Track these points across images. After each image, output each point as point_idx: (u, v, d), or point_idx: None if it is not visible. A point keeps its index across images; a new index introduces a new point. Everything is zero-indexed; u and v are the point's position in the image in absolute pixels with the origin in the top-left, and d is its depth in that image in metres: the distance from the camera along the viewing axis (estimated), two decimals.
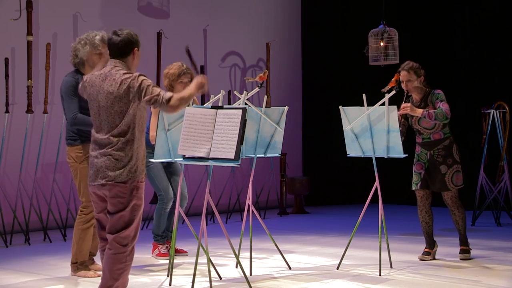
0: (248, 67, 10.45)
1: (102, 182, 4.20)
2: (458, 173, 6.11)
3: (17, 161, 7.70)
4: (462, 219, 6.19)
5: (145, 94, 4.19)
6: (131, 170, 4.21)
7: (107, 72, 4.30)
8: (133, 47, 4.34)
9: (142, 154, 4.31)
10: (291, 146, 10.70)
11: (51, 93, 7.98)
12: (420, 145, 6.21)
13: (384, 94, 5.70)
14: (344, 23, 11.00)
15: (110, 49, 4.36)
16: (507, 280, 5.43)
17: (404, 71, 6.14)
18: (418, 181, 6.17)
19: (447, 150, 6.12)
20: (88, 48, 5.61)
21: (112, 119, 4.23)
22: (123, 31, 4.34)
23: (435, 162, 6.12)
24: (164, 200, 6.42)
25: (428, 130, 6.13)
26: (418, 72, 6.15)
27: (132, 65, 4.36)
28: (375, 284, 5.33)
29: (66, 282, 5.48)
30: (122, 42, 4.30)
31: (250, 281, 5.16)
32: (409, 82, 6.13)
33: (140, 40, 4.40)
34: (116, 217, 4.21)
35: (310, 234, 8.06)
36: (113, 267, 4.20)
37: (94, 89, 4.32)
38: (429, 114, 5.96)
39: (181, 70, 6.39)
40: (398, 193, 9.84)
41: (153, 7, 9.39)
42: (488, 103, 8.54)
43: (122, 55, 4.33)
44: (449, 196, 6.13)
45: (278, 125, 5.83)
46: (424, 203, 6.22)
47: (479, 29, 9.94)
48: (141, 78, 4.22)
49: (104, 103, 4.25)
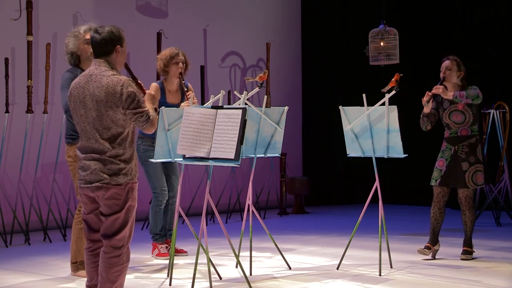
0: (248, 67, 10.45)
1: (97, 184, 4.11)
2: (479, 172, 6.12)
3: (17, 161, 7.71)
4: (471, 221, 6.20)
5: (132, 107, 4.10)
6: (127, 173, 4.15)
7: (92, 73, 4.16)
8: (115, 44, 4.17)
9: (135, 155, 4.26)
10: (291, 146, 10.70)
11: (51, 93, 7.98)
12: (446, 140, 6.26)
13: (384, 94, 5.71)
14: (344, 23, 10.99)
15: (93, 48, 4.21)
16: (507, 280, 5.43)
17: (448, 60, 6.27)
18: (438, 178, 6.19)
19: (472, 148, 6.15)
20: (73, 40, 5.64)
21: (101, 122, 4.10)
22: (104, 28, 4.18)
23: (458, 158, 6.14)
24: (159, 197, 6.45)
25: (457, 125, 6.17)
26: (460, 66, 6.28)
27: (117, 63, 4.21)
28: (375, 284, 5.33)
29: (66, 282, 5.48)
30: (104, 40, 4.15)
31: (250, 281, 5.16)
32: (448, 70, 6.22)
33: (124, 36, 4.22)
34: (111, 219, 4.15)
35: (310, 234, 8.06)
36: (111, 270, 4.15)
37: (79, 90, 4.16)
38: (460, 94, 6.07)
39: (173, 51, 6.47)
40: (398, 193, 9.85)
41: (152, 6, 9.39)
42: (488, 103, 8.54)
43: (105, 53, 4.17)
44: (464, 195, 6.15)
45: (278, 125, 5.83)
46: (439, 200, 6.22)
47: (479, 29, 9.93)
48: (130, 89, 4.09)
49: (91, 106, 4.10)
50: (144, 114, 4.12)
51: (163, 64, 6.44)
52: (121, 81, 4.11)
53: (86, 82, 4.14)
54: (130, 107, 4.09)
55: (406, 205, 10.24)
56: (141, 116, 4.11)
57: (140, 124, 4.14)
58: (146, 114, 4.13)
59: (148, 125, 4.15)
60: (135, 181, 4.21)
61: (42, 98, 7.80)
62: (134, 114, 4.11)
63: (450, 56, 6.32)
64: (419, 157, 8.47)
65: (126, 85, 4.10)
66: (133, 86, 4.14)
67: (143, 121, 4.13)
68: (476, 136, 6.20)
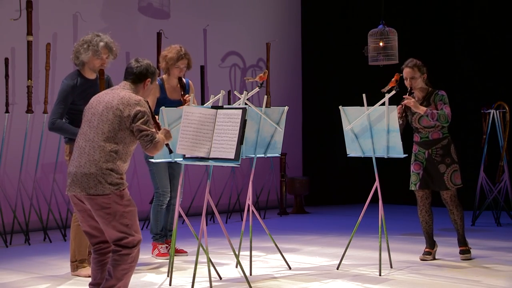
0: (248, 67, 10.45)
1: (83, 194, 4.17)
2: (456, 172, 6.11)
3: (17, 161, 7.71)
4: (461, 219, 6.19)
5: (139, 124, 4.23)
6: (112, 183, 4.19)
7: (114, 88, 4.44)
8: (147, 77, 4.47)
9: (125, 168, 4.32)
10: (291, 146, 10.70)
11: (51, 93, 7.96)
12: (418, 144, 6.21)
13: (384, 94, 5.71)
14: (344, 23, 10.99)
15: (125, 72, 4.50)
16: (507, 280, 5.43)
17: (408, 68, 6.15)
18: (417, 181, 6.18)
19: (445, 149, 6.13)
20: (90, 53, 5.65)
21: (102, 125, 4.23)
22: (144, 61, 4.49)
23: (433, 161, 6.12)
24: (160, 197, 6.44)
25: (427, 129, 6.14)
26: (421, 69, 6.17)
27: (140, 94, 4.46)
28: (375, 284, 5.33)
29: (66, 282, 5.48)
30: (138, 69, 4.45)
31: (250, 281, 5.16)
32: (413, 79, 6.14)
33: (157, 76, 4.56)
34: (109, 228, 4.19)
35: (310, 234, 8.06)
36: (118, 267, 4.19)
37: (95, 99, 4.41)
38: (432, 114, 5.97)
39: (179, 54, 6.41)
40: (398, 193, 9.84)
41: (154, 7, 9.39)
42: (488, 103, 8.54)
43: (134, 80, 4.45)
44: (448, 195, 6.14)
45: (278, 125, 5.83)
46: (424, 203, 6.22)
47: (479, 28, 9.93)
48: (143, 109, 4.27)
49: (100, 110, 4.28)
50: (150, 134, 4.26)
51: (165, 65, 6.43)
52: (138, 98, 4.32)
53: (105, 93, 4.41)
54: (137, 122, 4.23)
55: (406, 205, 10.22)
56: (146, 136, 4.25)
57: (144, 144, 4.28)
58: (151, 135, 4.27)
59: (151, 146, 4.29)
60: (122, 189, 4.22)
61: (42, 98, 7.80)
62: (140, 131, 4.24)
63: (408, 62, 6.18)
64: None
65: (142, 104, 4.29)
66: (147, 108, 4.32)
67: (147, 141, 4.26)
68: (448, 137, 6.16)
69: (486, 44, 9.88)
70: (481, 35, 9.91)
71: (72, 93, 5.60)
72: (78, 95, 5.61)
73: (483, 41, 9.90)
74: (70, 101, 5.60)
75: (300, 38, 11.16)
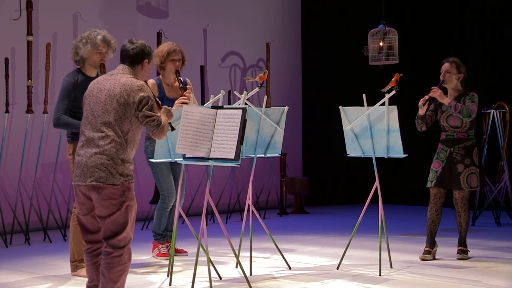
0: (248, 67, 10.45)
1: (93, 183, 4.14)
2: (473, 175, 6.12)
3: (17, 161, 7.70)
4: (466, 223, 6.21)
5: (144, 110, 4.21)
6: (123, 174, 4.19)
7: (113, 73, 4.35)
8: (144, 58, 4.43)
9: (133, 154, 4.30)
10: (291, 146, 10.70)
11: (51, 93, 7.97)
12: (442, 142, 6.26)
13: (384, 94, 5.71)
14: (344, 23, 10.99)
15: (121, 55, 4.43)
16: (507, 280, 5.43)
17: (447, 63, 6.23)
18: (434, 179, 6.19)
19: (468, 150, 6.15)
20: (89, 47, 5.64)
21: (107, 115, 4.19)
22: (138, 41, 4.45)
23: (453, 160, 6.15)
24: (166, 200, 6.41)
25: (453, 129, 6.17)
26: (459, 68, 6.24)
27: (139, 76, 4.41)
28: (375, 284, 5.33)
29: (66, 282, 5.48)
30: (135, 50, 4.40)
31: (250, 281, 5.16)
32: (448, 73, 6.20)
33: (153, 55, 4.50)
34: (109, 220, 4.15)
35: (310, 234, 8.06)
36: (112, 270, 4.16)
37: (95, 86, 4.33)
38: (456, 105, 6.05)
39: (171, 47, 6.42)
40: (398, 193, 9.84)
41: (152, 6, 9.39)
42: (488, 103, 8.54)
43: (132, 63, 4.39)
44: (460, 196, 6.15)
45: (278, 125, 5.83)
46: (436, 201, 6.23)
47: (479, 28, 9.93)
48: (146, 93, 4.23)
49: (103, 99, 4.23)
50: (156, 119, 4.24)
51: (159, 60, 6.43)
52: (140, 83, 4.27)
53: (105, 79, 4.33)
54: (143, 109, 4.21)
55: (406, 205, 10.23)
56: (152, 121, 4.24)
57: (151, 129, 4.26)
58: (157, 120, 4.25)
59: (158, 130, 4.27)
60: (131, 181, 4.22)
61: (42, 98, 7.80)
62: (146, 117, 4.23)
63: (450, 58, 6.28)
64: (419, 157, 8.47)
65: (144, 89, 4.25)
66: (149, 92, 4.27)
67: (154, 126, 4.25)
68: (473, 139, 6.20)
69: (486, 44, 9.88)
70: (481, 35, 9.91)
71: (74, 90, 5.59)
72: (79, 93, 5.60)
73: (483, 41, 9.90)
74: (73, 97, 5.57)
75: (300, 38, 11.16)
